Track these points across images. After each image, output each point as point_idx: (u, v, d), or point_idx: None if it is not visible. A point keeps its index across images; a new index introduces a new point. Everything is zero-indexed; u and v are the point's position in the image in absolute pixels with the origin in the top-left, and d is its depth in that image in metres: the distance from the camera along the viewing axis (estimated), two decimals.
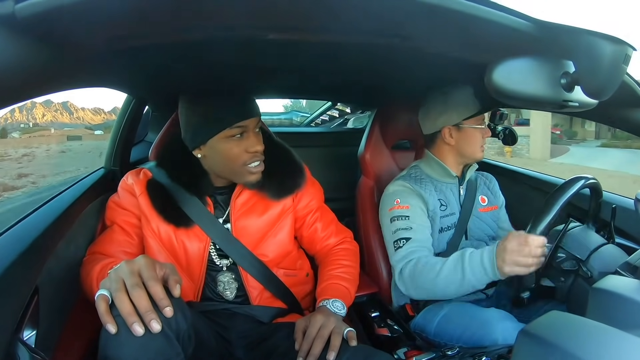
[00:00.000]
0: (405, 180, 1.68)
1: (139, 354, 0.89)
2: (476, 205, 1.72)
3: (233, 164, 1.32)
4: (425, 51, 1.04)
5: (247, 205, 1.42)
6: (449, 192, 1.70)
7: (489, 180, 1.85)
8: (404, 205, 1.61)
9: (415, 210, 1.60)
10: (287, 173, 1.48)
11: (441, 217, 1.64)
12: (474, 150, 1.65)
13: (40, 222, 1.16)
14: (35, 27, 0.67)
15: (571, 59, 0.74)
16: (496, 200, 1.81)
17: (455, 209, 1.69)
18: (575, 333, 0.68)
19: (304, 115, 4.23)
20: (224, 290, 1.38)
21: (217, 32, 0.97)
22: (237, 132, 1.29)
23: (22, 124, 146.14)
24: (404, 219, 1.59)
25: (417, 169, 1.76)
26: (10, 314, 0.90)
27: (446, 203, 1.67)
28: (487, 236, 1.73)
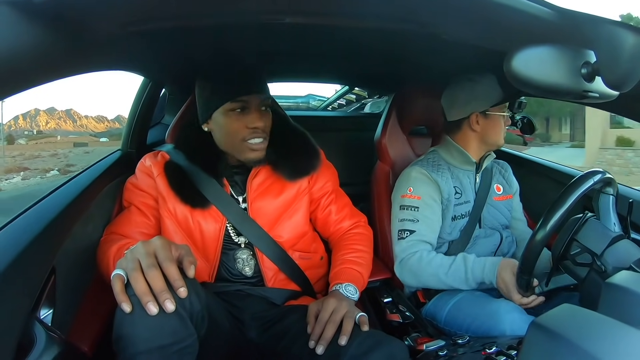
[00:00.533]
0: (422, 167, 1.67)
1: (153, 333, 0.90)
2: (491, 193, 1.71)
3: (233, 138, 1.35)
4: (444, 38, 1.03)
5: (264, 186, 1.43)
6: (465, 180, 1.69)
7: (504, 169, 1.84)
8: (416, 195, 1.63)
9: (426, 201, 1.62)
10: (302, 155, 1.49)
11: (455, 204, 1.64)
12: (498, 138, 1.65)
13: (57, 203, 1.18)
14: (53, 12, 0.67)
15: (592, 48, 0.72)
16: (510, 189, 1.80)
17: (470, 196, 1.68)
18: (586, 327, 0.67)
19: (321, 99, 4.20)
20: (242, 267, 1.39)
21: (233, 16, 0.96)
22: (237, 106, 1.32)
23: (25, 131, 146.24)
24: (412, 209, 1.62)
25: (435, 154, 1.75)
26: (28, 294, 0.92)
27: (461, 190, 1.67)
28: (501, 225, 1.73)
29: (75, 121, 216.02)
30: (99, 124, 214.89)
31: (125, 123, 1.92)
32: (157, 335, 0.90)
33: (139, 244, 0.97)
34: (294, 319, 1.27)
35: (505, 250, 1.70)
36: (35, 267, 0.97)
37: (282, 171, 1.43)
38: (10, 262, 0.87)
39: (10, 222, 1.02)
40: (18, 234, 0.97)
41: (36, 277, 0.97)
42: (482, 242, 1.66)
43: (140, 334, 0.90)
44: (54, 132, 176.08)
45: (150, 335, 0.90)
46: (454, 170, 1.69)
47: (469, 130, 1.66)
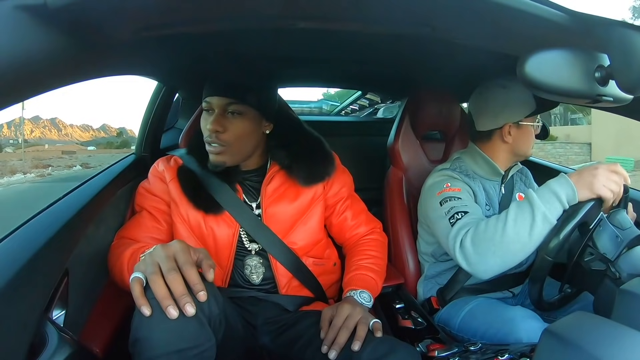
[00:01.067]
0: (454, 171, 1.58)
1: (172, 337, 0.90)
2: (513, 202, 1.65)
3: (203, 136, 1.34)
4: (456, 42, 1.03)
5: (278, 191, 1.42)
6: (491, 191, 1.61)
7: (525, 176, 1.75)
8: (456, 187, 1.49)
9: (466, 195, 1.49)
10: (317, 160, 1.47)
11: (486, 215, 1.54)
12: (528, 148, 1.57)
13: (71, 205, 1.19)
14: (67, 17, 0.68)
15: (605, 52, 0.72)
16: None
17: (495, 207, 1.61)
18: (600, 335, 0.66)
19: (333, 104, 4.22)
20: (250, 274, 1.38)
21: (246, 22, 0.97)
22: (205, 107, 1.33)
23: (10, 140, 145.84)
24: (456, 199, 1.45)
25: (462, 162, 1.63)
26: (41, 294, 0.93)
27: (490, 203, 1.59)
28: None
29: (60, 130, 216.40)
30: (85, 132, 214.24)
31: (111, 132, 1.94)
32: (176, 339, 0.91)
33: (158, 247, 0.97)
34: (307, 324, 1.27)
35: (524, 260, 1.64)
36: (49, 268, 0.98)
37: (296, 176, 1.41)
38: (24, 263, 0.88)
39: (24, 224, 1.04)
40: (32, 236, 0.98)
41: (49, 279, 0.98)
42: None
43: (159, 337, 0.90)
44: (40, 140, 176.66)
45: (169, 338, 0.90)
46: (483, 181, 1.61)
47: (500, 141, 1.56)
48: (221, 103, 1.29)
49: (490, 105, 1.54)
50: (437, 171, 1.61)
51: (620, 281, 1.07)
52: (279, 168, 1.43)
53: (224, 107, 1.29)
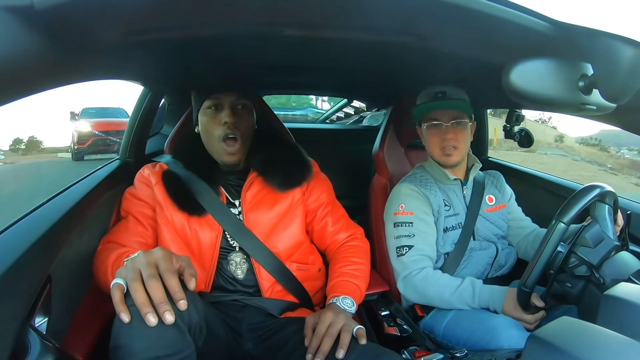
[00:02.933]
0: (411, 183, 1.69)
1: (151, 344, 0.90)
2: (483, 205, 1.70)
3: (211, 137, 1.39)
4: (442, 50, 1.04)
5: (257, 197, 1.44)
6: (452, 194, 1.69)
7: (496, 178, 1.82)
8: (409, 211, 1.63)
9: (419, 216, 1.62)
10: (293, 166, 1.50)
11: (445, 216, 1.65)
12: (432, 152, 1.67)
13: (54, 211, 1.17)
14: (54, 19, 0.67)
15: (589, 61, 0.73)
16: (503, 197, 1.79)
17: (459, 209, 1.68)
18: (585, 340, 0.67)
19: (319, 112, 4.23)
20: (235, 270, 1.39)
21: (234, 28, 0.97)
22: (212, 104, 1.37)
23: None
24: (407, 225, 1.62)
25: (422, 170, 1.77)
26: (23, 301, 0.91)
27: (449, 203, 1.67)
28: (496, 236, 1.72)
29: None
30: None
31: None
32: (155, 346, 0.90)
33: (140, 254, 0.96)
34: (292, 330, 1.26)
35: (503, 262, 1.68)
36: (31, 275, 0.96)
37: (272, 182, 1.44)
38: (5, 269, 0.86)
39: (6, 229, 1.02)
40: (14, 242, 0.97)
41: (32, 285, 0.96)
42: (477, 255, 1.65)
43: (138, 344, 0.89)
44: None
45: (148, 346, 0.89)
46: (440, 184, 1.70)
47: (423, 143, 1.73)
48: (231, 98, 1.36)
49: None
50: (399, 184, 1.73)
51: (604, 287, 1.08)
52: (257, 174, 1.45)
53: (234, 101, 1.35)
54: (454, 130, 1.60)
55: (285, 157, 1.51)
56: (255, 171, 1.45)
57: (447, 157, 1.63)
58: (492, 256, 1.67)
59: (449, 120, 1.60)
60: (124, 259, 1.03)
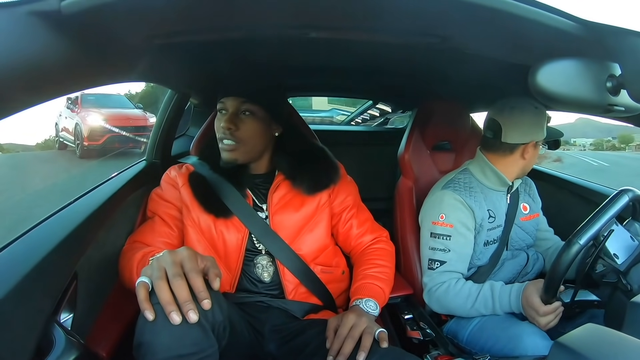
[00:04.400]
0: (455, 191, 1.61)
1: (174, 342, 0.91)
2: (518, 214, 1.67)
3: (216, 136, 1.40)
4: (466, 52, 1.03)
5: (284, 200, 1.44)
6: (498, 202, 1.64)
7: (529, 186, 1.78)
8: (449, 223, 1.57)
9: (458, 230, 1.57)
10: (321, 169, 1.50)
11: (488, 229, 1.59)
12: (532, 166, 1.66)
13: (82, 210, 1.20)
14: (81, 24, 0.69)
15: (617, 61, 0.71)
16: (537, 207, 1.76)
17: (501, 220, 1.63)
18: (610, 348, 0.65)
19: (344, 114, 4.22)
20: (261, 273, 1.40)
21: (259, 31, 0.98)
22: (220, 107, 1.39)
23: None
24: (444, 238, 1.57)
25: (467, 174, 1.68)
26: (49, 297, 0.94)
27: (494, 214, 1.62)
28: (526, 245, 1.69)
29: None
30: None
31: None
32: (178, 345, 0.91)
33: (166, 253, 0.98)
34: (314, 333, 1.26)
35: (530, 269, 1.66)
36: (58, 271, 0.99)
37: (300, 185, 1.44)
38: (33, 265, 0.88)
39: (34, 227, 1.05)
40: (42, 239, 0.99)
41: (58, 282, 0.99)
42: (508, 264, 1.62)
43: (162, 342, 0.90)
44: None
45: (171, 344, 0.90)
46: (487, 192, 1.64)
47: (519, 156, 1.59)
48: (235, 103, 1.35)
49: (526, 121, 1.55)
50: (442, 189, 1.64)
51: (632, 293, 1.06)
52: (284, 177, 1.45)
53: (238, 106, 1.35)
54: None
55: (312, 160, 1.51)
56: (283, 174, 1.46)
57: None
58: (523, 264, 1.64)
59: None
60: (150, 258, 1.04)
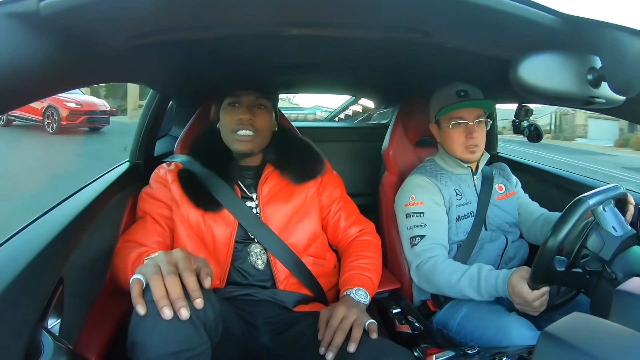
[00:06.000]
0: (422, 174, 1.72)
1: (166, 340, 0.92)
2: (493, 194, 1.72)
3: (226, 130, 1.47)
4: (448, 46, 1.03)
5: (273, 191, 1.48)
6: (463, 183, 1.71)
7: (502, 169, 1.86)
8: (419, 201, 1.65)
9: (429, 206, 1.64)
10: (306, 159, 1.57)
11: (457, 205, 1.66)
12: (453, 150, 1.68)
13: (65, 214, 1.18)
14: (59, 24, 0.68)
15: (597, 53, 0.72)
16: (511, 185, 1.82)
17: (470, 198, 1.70)
18: (597, 336, 0.66)
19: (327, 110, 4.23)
20: (255, 260, 1.41)
21: (239, 29, 0.97)
22: (232, 101, 1.46)
23: None
24: (418, 215, 1.64)
25: (432, 162, 1.80)
26: (35, 303, 0.92)
27: (461, 192, 1.69)
28: (507, 223, 1.73)
29: None
30: None
31: None
32: (171, 342, 0.92)
33: (161, 253, 1.01)
34: (307, 324, 1.28)
35: (512, 254, 1.69)
36: (44, 277, 0.97)
37: (288, 174, 1.50)
38: (19, 272, 0.87)
39: (18, 232, 1.03)
40: (26, 244, 0.98)
41: (44, 287, 0.97)
42: (487, 247, 1.66)
43: (154, 340, 0.91)
44: None
45: (164, 341, 0.91)
46: (451, 175, 1.72)
47: (437, 139, 1.76)
48: (250, 97, 1.45)
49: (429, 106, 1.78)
50: (410, 175, 1.76)
51: (617, 282, 1.07)
52: (273, 168, 1.50)
53: (253, 100, 1.44)
54: (477, 128, 1.63)
55: (298, 151, 1.58)
56: (271, 165, 1.51)
57: (470, 155, 1.66)
58: (502, 247, 1.67)
59: (473, 119, 1.63)
60: (145, 257, 1.06)
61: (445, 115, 1.64)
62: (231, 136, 1.44)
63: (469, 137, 1.63)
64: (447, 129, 1.65)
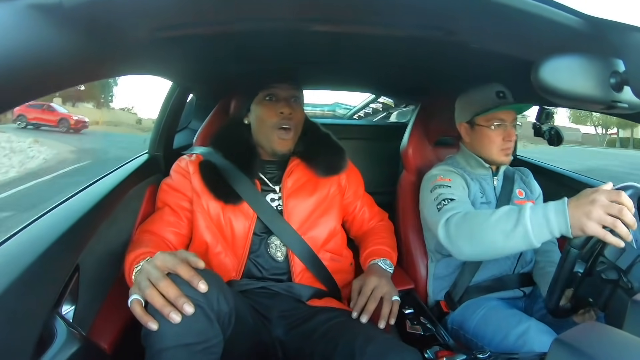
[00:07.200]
0: (448, 165, 1.69)
1: (181, 332, 0.94)
2: (513, 197, 1.68)
3: (265, 125, 1.45)
4: (471, 46, 1.02)
5: (298, 183, 1.49)
6: (484, 183, 1.67)
7: (525, 175, 1.80)
8: (447, 178, 1.58)
9: (456, 185, 1.56)
10: (330, 152, 1.58)
11: (480, 203, 1.62)
12: (488, 152, 1.61)
13: (84, 203, 1.21)
14: (82, 16, 0.69)
15: (621, 57, 0.71)
16: (532, 194, 1.75)
17: (491, 198, 1.66)
18: (610, 345, 0.65)
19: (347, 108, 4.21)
20: (275, 252, 1.43)
21: (261, 24, 0.98)
22: (268, 93, 1.46)
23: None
24: (446, 187, 1.53)
25: (454, 160, 1.76)
26: (51, 289, 0.95)
27: (483, 192, 1.65)
28: None
29: None
30: None
31: None
32: (185, 334, 0.95)
33: (144, 264, 1.03)
34: (322, 319, 1.30)
35: (528, 258, 1.66)
36: (60, 264, 1.00)
37: (316, 167, 1.51)
38: (35, 258, 0.89)
39: (36, 219, 1.06)
40: (44, 231, 1.00)
41: (60, 274, 1.00)
42: None
43: (169, 331, 0.94)
44: None
45: (178, 333, 0.94)
46: (471, 173, 1.68)
47: (464, 139, 1.70)
48: (288, 90, 1.47)
49: (458, 105, 1.72)
50: (435, 167, 1.71)
51: (633, 291, 1.05)
52: (300, 161, 1.52)
53: (291, 93, 1.46)
54: (514, 131, 1.59)
55: (326, 144, 1.60)
56: (298, 158, 1.53)
57: (505, 157, 1.61)
58: (518, 252, 1.62)
59: (512, 121, 1.59)
60: (140, 259, 1.13)
61: (485, 116, 1.59)
62: (272, 132, 1.44)
63: (507, 140, 1.58)
64: (487, 129, 1.59)
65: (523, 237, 1.17)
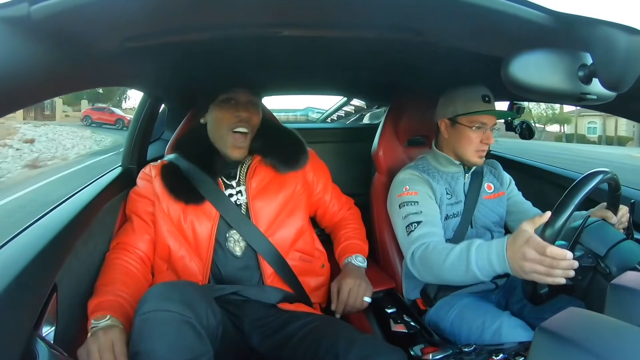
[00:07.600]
0: (413, 169, 1.69)
1: (171, 349, 0.93)
2: (482, 193, 1.71)
3: (221, 127, 1.46)
4: (439, 45, 1.03)
5: (262, 183, 1.49)
6: (454, 182, 1.69)
7: (494, 167, 1.82)
8: (412, 191, 1.61)
9: (423, 197, 1.59)
10: (290, 146, 1.59)
11: (447, 204, 1.64)
12: (464, 151, 1.63)
13: (58, 220, 1.18)
14: (50, 29, 0.67)
15: (588, 50, 0.73)
16: (502, 185, 1.78)
17: (460, 197, 1.68)
18: (593, 330, 0.66)
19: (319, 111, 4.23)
20: (233, 246, 1.42)
21: (230, 30, 0.97)
22: (227, 97, 1.46)
23: None
24: (413, 204, 1.58)
25: (424, 161, 1.75)
26: (29, 311, 0.92)
27: (451, 192, 1.67)
28: (493, 223, 1.72)
29: None
30: None
31: None
32: (176, 352, 0.94)
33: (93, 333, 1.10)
34: (297, 325, 1.29)
35: None
36: (38, 284, 0.97)
37: (275, 162, 1.51)
38: (12, 279, 0.86)
39: (12, 239, 1.03)
40: (20, 251, 0.97)
41: (38, 294, 0.97)
42: None
43: (159, 349, 0.93)
44: None
45: (170, 351, 0.93)
46: (442, 174, 1.69)
47: (442, 136, 1.70)
48: (246, 95, 1.48)
49: (440, 101, 1.70)
50: (402, 170, 1.73)
51: (611, 276, 1.08)
52: (260, 159, 1.51)
53: (248, 98, 1.46)
54: (492, 134, 1.62)
55: (282, 138, 1.61)
56: (258, 155, 1.53)
57: (479, 159, 1.63)
58: None
59: (492, 125, 1.61)
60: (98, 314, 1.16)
61: (468, 117, 1.60)
62: (227, 135, 1.44)
63: (484, 142, 1.60)
64: (468, 130, 1.60)
65: (474, 277, 1.29)
